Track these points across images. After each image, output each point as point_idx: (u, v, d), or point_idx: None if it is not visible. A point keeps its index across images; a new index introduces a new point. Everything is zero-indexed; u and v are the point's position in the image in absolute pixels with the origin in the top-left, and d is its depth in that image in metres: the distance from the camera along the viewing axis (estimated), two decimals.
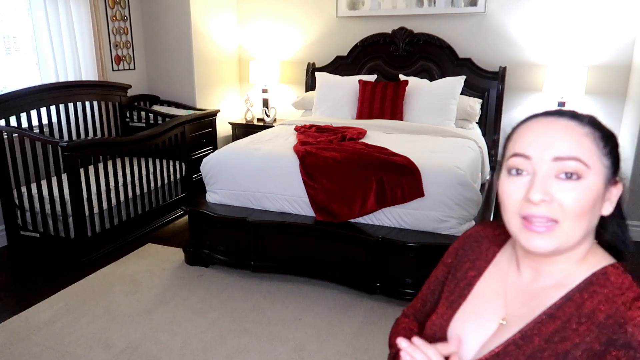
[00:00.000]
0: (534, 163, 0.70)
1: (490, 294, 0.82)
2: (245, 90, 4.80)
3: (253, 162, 2.83)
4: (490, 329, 0.78)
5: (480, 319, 0.81)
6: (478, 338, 0.79)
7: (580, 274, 0.73)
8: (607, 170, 0.70)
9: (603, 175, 0.70)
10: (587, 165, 0.68)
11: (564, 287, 0.73)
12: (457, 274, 0.90)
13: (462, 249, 0.92)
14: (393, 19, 4.08)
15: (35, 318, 2.39)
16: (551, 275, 0.75)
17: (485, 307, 0.81)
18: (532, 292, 0.76)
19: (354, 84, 3.90)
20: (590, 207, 0.69)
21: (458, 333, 0.81)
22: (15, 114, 3.04)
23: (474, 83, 3.87)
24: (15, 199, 3.05)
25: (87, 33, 3.57)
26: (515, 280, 0.79)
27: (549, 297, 0.73)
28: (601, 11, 3.53)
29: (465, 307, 0.84)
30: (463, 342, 0.80)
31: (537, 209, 0.69)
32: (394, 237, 2.49)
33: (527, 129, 0.74)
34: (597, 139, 0.70)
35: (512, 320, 0.76)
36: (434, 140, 3.18)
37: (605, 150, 0.70)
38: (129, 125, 3.95)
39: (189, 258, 2.96)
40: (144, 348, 2.17)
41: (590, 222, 0.71)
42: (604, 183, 0.70)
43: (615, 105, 3.65)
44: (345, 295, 2.60)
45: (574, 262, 0.74)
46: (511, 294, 0.79)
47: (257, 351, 2.15)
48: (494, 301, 0.81)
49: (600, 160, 0.70)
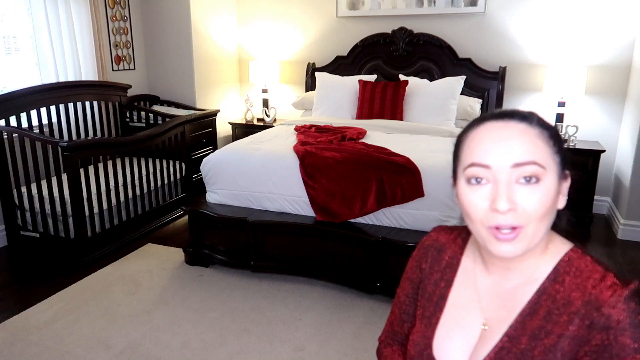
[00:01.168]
0: (494, 172, 0.70)
1: (465, 302, 0.82)
2: (245, 90, 4.80)
3: (253, 162, 2.83)
4: (474, 336, 0.78)
5: (462, 328, 0.80)
6: (465, 348, 0.79)
7: (546, 265, 0.75)
8: (559, 166, 0.72)
9: (556, 173, 0.72)
10: (544, 167, 0.69)
11: (535, 281, 0.75)
12: (427, 288, 0.88)
13: (425, 261, 0.90)
14: (393, 19, 4.08)
15: (35, 318, 2.39)
16: (521, 272, 0.76)
17: (464, 316, 0.81)
18: (506, 292, 0.77)
19: (354, 84, 3.90)
20: (551, 207, 0.71)
21: (444, 347, 0.81)
22: (15, 114, 3.04)
23: (474, 83, 3.87)
24: (15, 199, 3.05)
25: (87, 33, 3.57)
26: (487, 282, 0.80)
27: (523, 294, 0.75)
28: (601, 11, 3.53)
29: (444, 320, 0.83)
30: (448, 353, 0.80)
31: (504, 217, 0.69)
32: (394, 237, 2.49)
33: (480, 136, 0.73)
34: (547, 138, 0.71)
35: (494, 323, 0.77)
36: (434, 140, 3.18)
37: (555, 148, 0.72)
38: (129, 125, 3.95)
39: (189, 258, 2.96)
40: (144, 348, 2.17)
41: (551, 219, 0.73)
42: (558, 179, 0.72)
43: (615, 105, 3.65)
44: (345, 295, 2.60)
45: (538, 255, 0.76)
46: (485, 297, 0.79)
47: (257, 351, 2.15)
48: (471, 308, 0.81)
49: (552, 159, 0.71)
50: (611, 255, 3.10)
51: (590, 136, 3.73)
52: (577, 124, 3.60)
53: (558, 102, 3.63)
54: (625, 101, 3.61)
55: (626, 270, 2.89)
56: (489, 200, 0.70)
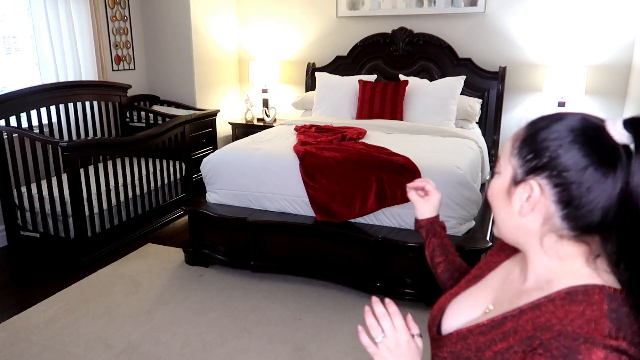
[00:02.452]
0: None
1: (493, 286, 0.85)
2: (245, 90, 4.80)
3: (253, 162, 2.83)
4: (477, 314, 0.82)
5: (475, 303, 0.84)
6: (464, 319, 0.82)
7: (562, 283, 0.70)
8: (514, 170, 0.73)
9: (508, 175, 0.74)
10: (500, 164, 0.76)
11: (542, 291, 0.72)
12: (480, 264, 0.94)
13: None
14: (393, 19, 4.08)
15: (35, 318, 2.39)
16: (533, 275, 0.75)
17: (484, 295, 0.84)
18: (519, 291, 0.77)
19: (354, 84, 3.90)
20: (496, 198, 0.77)
21: (453, 311, 0.86)
22: (15, 114, 3.04)
23: (474, 83, 3.87)
24: (15, 199, 3.05)
25: (87, 33, 3.57)
26: (515, 278, 0.81)
27: (528, 298, 0.74)
28: (601, 11, 3.53)
29: (469, 291, 0.88)
30: (452, 319, 0.84)
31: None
32: (394, 237, 2.49)
33: None
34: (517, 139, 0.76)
35: (494, 311, 0.79)
36: (434, 140, 3.18)
37: (514, 151, 0.74)
38: (129, 125, 3.95)
39: (189, 258, 2.96)
40: (144, 348, 2.17)
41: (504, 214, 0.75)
42: (509, 181, 0.74)
43: (615, 105, 3.65)
44: (345, 295, 2.60)
45: (550, 265, 0.72)
46: (506, 288, 0.81)
47: (257, 351, 2.15)
48: (494, 292, 0.83)
49: (509, 161, 0.74)
50: None
51: None
52: None
53: (558, 102, 3.63)
54: (625, 101, 3.61)
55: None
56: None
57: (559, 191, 0.67)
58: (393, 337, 0.77)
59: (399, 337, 0.76)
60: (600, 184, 0.64)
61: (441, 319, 0.86)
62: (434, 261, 1.12)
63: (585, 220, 0.67)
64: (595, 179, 0.64)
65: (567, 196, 0.67)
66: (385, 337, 0.77)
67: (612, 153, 0.65)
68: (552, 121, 0.70)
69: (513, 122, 3.94)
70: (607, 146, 0.65)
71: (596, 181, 0.65)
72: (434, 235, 1.13)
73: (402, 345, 0.76)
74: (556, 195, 0.67)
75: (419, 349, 0.78)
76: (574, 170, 0.65)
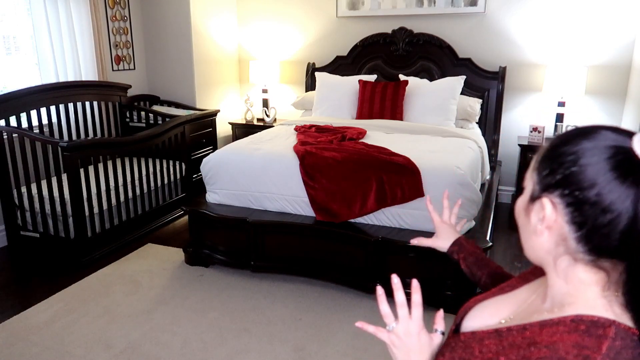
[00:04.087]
0: None
1: (520, 299, 0.82)
2: (245, 90, 4.80)
3: (253, 162, 2.83)
4: (493, 322, 0.80)
5: (496, 311, 0.81)
6: (482, 324, 0.80)
7: (573, 309, 0.65)
8: (534, 185, 0.69)
9: (528, 191, 0.71)
10: (525, 180, 0.73)
11: (552, 314, 0.69)
12: (514, 275, 0.92)
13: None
14: (393, 19, 4.08)
15: (35, 318, 2.39)
16: (551, 299, 0.72)
17: (507, 306, 0.81)
18: (535, 309, 0.75)
19: (354, 84, 3.90)
20: (520, 216, 0.72)
21: (475, 313, 0.84)
22: (15, 114, 3.04)
23: (474, 83, 3.87)
24: (15, 199, 3.05)
25: (87, 33, 3.57)
26: (538, 297, 0.78)
27: (539, 317, 0.70)
28: (601, 11, 3.53)
29: (498, 298, 0.85)
30: (471, 322, 0.82)
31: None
32: (394, 237, 2.49)
33: None
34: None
35: (506, 324, 0.76)
36: (434, 140, 3.18)
37: (535, 165, 0.71)
38: (129, 125, 3.95)
39: (189, 258, 2.96)
40: (144, 348, 2.17)
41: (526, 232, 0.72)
42: (528, 197, 0.70)
43: (615, 105, 3.65)
44: (345, 295, 2.60)
45: (564, 292, 0.68)
46: (526, 305, 0.79)
47: (257, 351, 2.15)
48: (517, 304, 0.81)
49: (530, 176, 0.71)
50: None
51: None
52: (577, 124, 3.60)
53: (558, 102, 3.63)
54: (625, 101, 3.61)
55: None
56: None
57: (571, 211, 0.62)
58: (406, 324, 0.76)
59: (411, 327, 0.75)
60: (619, 204, 0.58)
61: (463, 317, 0.85)
62: (476, 275, 1.12)
63: (602, 244, 0.60)
64: (613, 199, 0.58)
65: (580, 217, 0.61)
66: (398, 324, 0.76)
67: (633, 171, 0.58)
68: (574, 136, 0.64)
69: (513, 122, 3.95)
70: (629, 164, 0.59)
71: (613, 201, 0.58)
72: (465, 252, 1.15)
73: (412, 335, 0.75)
74: (569, 215, 0.62)
75: (432, 344, 0.76)
76: (588, 189, 0.60)
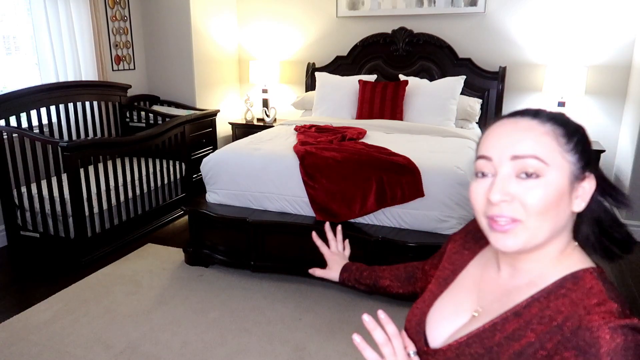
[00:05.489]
0: (494, 164, 0.72)
1: (469, 286, 0.85)
2: (245, 90, 4.80)
3: (253, 162, 2.83)
4: (464, 319, 0.81)
5: (456, 308, 0.83)
6: (450, 327, 0.81)
7: (553, 274, 0.73)
8: (573, 166, 0.71)
9: (567, 171, 0.70)
10: (546, 163, 0.69)
11: (536, 286, 0.73)
12: (445, 264, 0.93)
13: (461, 241, 0.95)
14: (393, 19, 4.08)
15: (35, 318, 2.39)
16: (526, 273, 0.75)
17: (463, 298, 0.83)
18: (506, 289, 0.77)
19: (354, 84, 3.90)
20: (554, 205, 0.69)
21: (435, 322, 0.84)
22: (15, 114, 3.04)
23: (474, 83, 3.87)
24: (15, 199, 3.05)
25: (87, 33, 3.57)
26: (494, 275, 0.81)
27: (520, 295, 0.74)
28: (601, 11, 3.53)
29: (443, 299, 0.87)
30: (436, 329, 0.83)
31: (498, 209, 0.70)
32: (394, 237, 2.49)
33: (490, 132, 0.76)
34: (558, 135, 0.71)
35: (484, 313, 0.78)
36: (434, 140, 3.18)
37: (568, 147, 0.71)
38: (129, 125, 3.95)
39: (189, 258, 2.96)
40: (144, 348, 2.17)
41: (556, 220, 0.70)
42: (570, 179, 0.70)
43: (615, 105, 3.65)
44: (345, 295, 2.60)
45: (548, 262, 0.74)
46: (487, 288, 0.81)
47: (257, 351, 2.15)
48: (470, 295, 0.83)
49: (562, 157, 0.70)
50: None
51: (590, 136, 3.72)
52: None
53: (558, 102, 3.63)
54: (625, 101, 3.61)
55: (626, 270, 2.89)
56: (487, 192, 0.73)
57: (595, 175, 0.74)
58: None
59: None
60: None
61: (424, 329, 0.85)
62: (381, 287, 1.16)
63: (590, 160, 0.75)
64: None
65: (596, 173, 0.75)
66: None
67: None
68: (564, 114, 0.75)
69: None
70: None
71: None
72: (356, 272, 1.21)
73: None
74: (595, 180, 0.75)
75: None
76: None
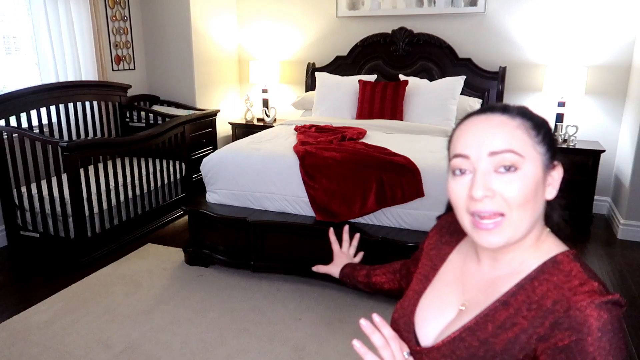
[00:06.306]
0: (473, 161, 0.74)
1: (451, 281, 0.86)
2: (245, 90, 4.80)
3: (253, 162, 2.83)
4: (451, 314, 0.82)
5: (442, 304, 0.84)
6: (439, 323, 0.83)
7: (533, 261, 0.76)
8: (543, 156, 0.74)
9: (540, 162, 0.73)
10: (522, 156, 0.72)
11: (518, 274, 0.76)
12: (425, 261, 0.94)
13: (437, 236, 0.96)
14: (393, 19, 4.08)
15: (35, 318, 2.39)
16: (507, 263, 0.78)
17: (447, 294, 0.85)
18: (490, 280, 0.79)
19: (354, 84, 3.90)
20: (532, 195, 0.72)
21: (423, 318, 0.85)
22: (15, 114, 3.04)
23: (474, 83, 3.87)
24: (15, 199, 3.05)
25: (87, 33, 3.57)
26: (474, 268, 0.83)
27: (504, 284, 0.77)
28: (601, 11, 3.53)
29: (428, 294, 0.88)
30: (424, 327, 0.84)
31: (482, 204, 0.72)
32: (394, 237, 2.49)
33: (464, 130, 0.78)
34: (528, 128, 0.74)
35: (471, 306, 0.79)
36: (434, 140, 3.18)
37: (538, 139, 0.74)
38: (129, 125, 3.95)
39: (189, 258, 2.96)
40: (144, 348, 2.17)
41: (534, 209, 0.74)
42: (542, 169, 0.74)
43: (615, 105, 3.65)
44: (345, 295, 2.60)
45: (526, 249, 0.77)
46: (470, 280, 0.83)
47: (257, 351, 2.15)
48: (455, 288, 0.85)
49: (534, 149, 0.73)
50: (611, 255, 3.10)
51: (590, 136, 3.73)
52: (577, 124, 3.60)
53: (558, 102, 3.63)
54: (625, 101, 3.61)
55: (626, 271, 2.89)
56: (468, 189, 0.74)
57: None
58: None
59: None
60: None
61: (414, 329, 0.86)
62: (377, 284, 1.17)
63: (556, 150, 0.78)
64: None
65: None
66: None
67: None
68: (527, 108, 0.79)
69: None
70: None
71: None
72: (356, 270, 1.22)
73: None
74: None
75: None
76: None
